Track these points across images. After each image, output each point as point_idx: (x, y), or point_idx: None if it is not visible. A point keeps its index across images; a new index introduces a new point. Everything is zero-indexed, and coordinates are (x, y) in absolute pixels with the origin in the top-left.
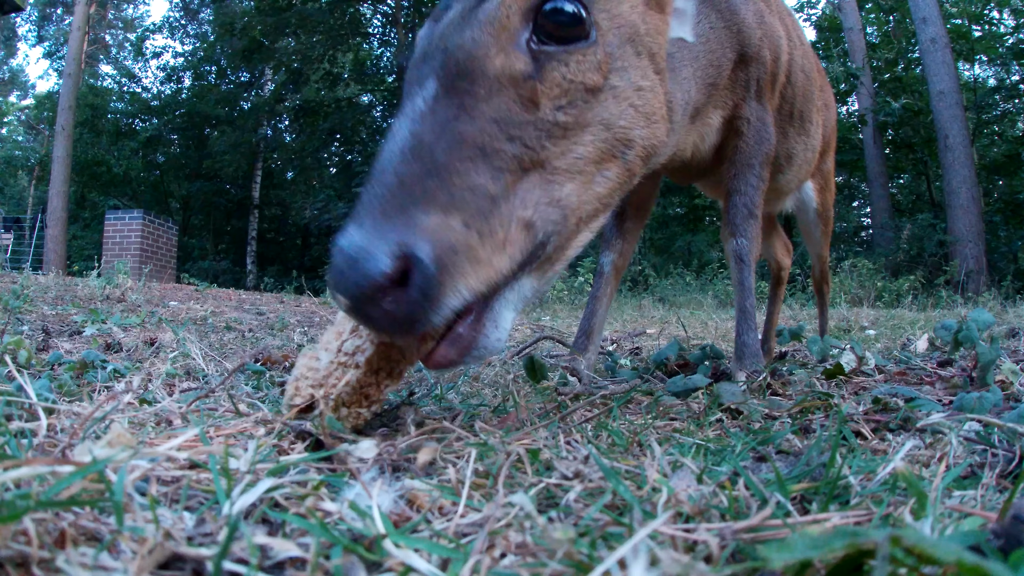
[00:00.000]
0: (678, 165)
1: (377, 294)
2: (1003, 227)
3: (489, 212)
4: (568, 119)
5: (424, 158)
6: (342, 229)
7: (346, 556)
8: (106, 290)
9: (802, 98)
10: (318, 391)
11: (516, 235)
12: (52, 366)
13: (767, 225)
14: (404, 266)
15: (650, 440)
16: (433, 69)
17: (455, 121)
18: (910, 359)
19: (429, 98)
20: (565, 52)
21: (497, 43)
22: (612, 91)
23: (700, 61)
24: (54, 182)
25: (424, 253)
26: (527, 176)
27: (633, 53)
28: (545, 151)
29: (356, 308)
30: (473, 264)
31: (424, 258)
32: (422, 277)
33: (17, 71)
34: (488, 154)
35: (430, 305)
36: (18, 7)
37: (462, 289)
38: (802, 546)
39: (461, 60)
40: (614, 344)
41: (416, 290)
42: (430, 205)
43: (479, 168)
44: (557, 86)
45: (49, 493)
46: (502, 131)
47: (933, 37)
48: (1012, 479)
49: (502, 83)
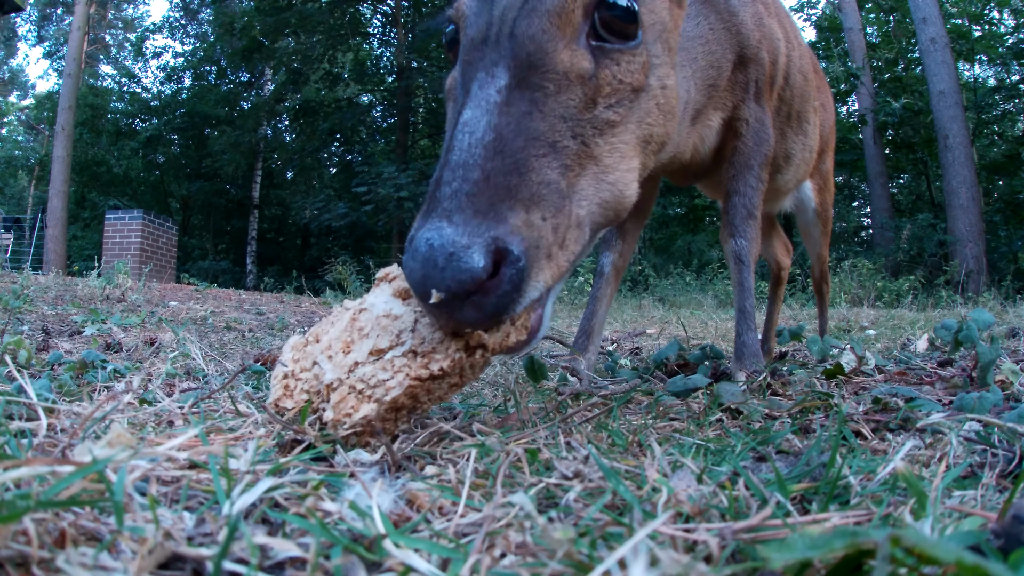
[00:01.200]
0: (678, 167)
1: (471, 290)
2: (1003, 227)
3: (560, 207)
4: (616, 117)
5: (506, 154)
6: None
7: (346, 556)
8: (106, 290)
9: (799, 99)
10: (321, 401)
11: (574, 227)
12: (52, 366)
13: (766, 225)
14: (497, 260)
15: (650, 440)
16: (503, 57)
17: (530, 118)
18: (910, 359)
19: (503, 89)
20: (618, 51)
21: (563, 37)
22: (648, 90)
23: (699, 62)
24: (54, 182)
25: (516, 247)
26: (584, 171)
27: (663, 50)
28: (597, 147)
29: (449, 303)
30: (548, 259)
31: (516, 252)
32: (514, 270)
33: (17, 71)
34: (557, 151)
35: (518, 296)
36: (18, 7)
37: (540, 282)
38: (802, 546)
39: (532, 52)
40: (614, 344)
41: (508, 283)
42: (516, 202)
43: (551, 164)
44: (609, 85)
45: (49, 493)
46: (569, 128)
47: (933, 37)
48: (1012, 479)
49: (570, 79)
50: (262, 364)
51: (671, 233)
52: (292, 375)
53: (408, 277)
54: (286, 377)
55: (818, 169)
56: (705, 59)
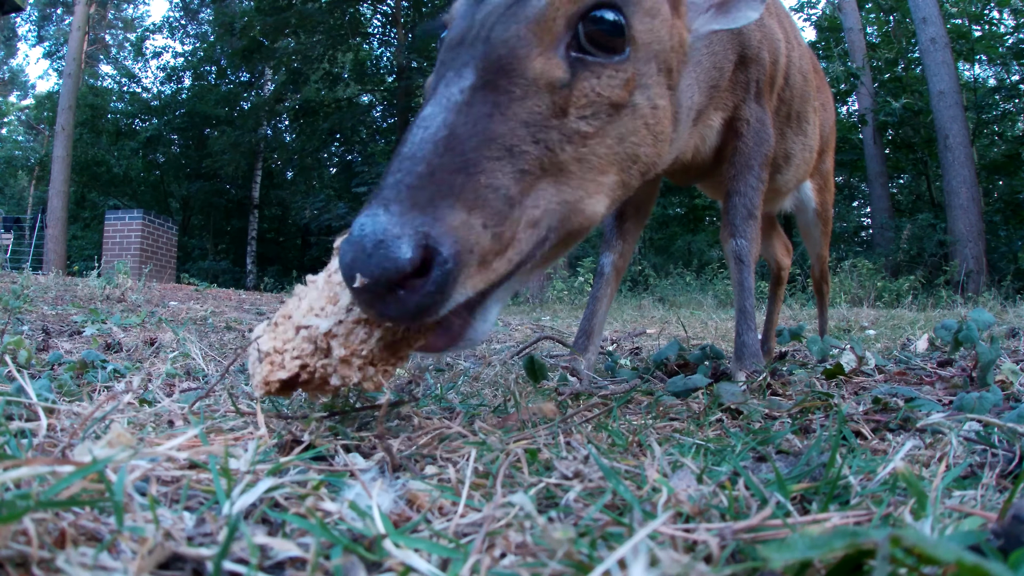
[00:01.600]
0: (679, 167)
1: (397, 280)
2: (1003, 227)
3: (506, 214)
4: (590, 129)
5: (456, 152)
6: (366, 208)
7: (346, 556)
8: (106, 290)
9: (799, 99)
10: (319, 359)
11: (521, 235)
12: (52, 366)
13: (767, 225)
14: (425, 257)
15: (650, 440)
16: (473, 58)
17: (489, 119)
18: (910, 359)
19: (466, 89)
20: (599, 64)
21: (540, 44)
22: (633, 108)
23: (703, 65)
24: (54, 182)
25: (447, 249)
26: (544, 177)
27: (656, 71)
28: (564, 154)
29: (370, 290)
30: (481, 266)
31: (446, 253)
32: (441, 272)
33: (17, 71)
34: (514, 155)
35: (442, 299)
36: (18, 7)
37: (468, 288)
38: (802, 546)
39: (503, 56)
40: (614, 344)
41: (433, 283)
42: (457, 201)
43: (504, 168)
44: (585, 97)
45: (49, 493)
46: (530, 134)
47: (933, 37)
48: (1012, 479)
49: (539, 87)
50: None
51: (671, 233)
52: (275, 351)
53: (340, 259)
54: (269, 355)
55: (818, 169)
56: (709, 61)
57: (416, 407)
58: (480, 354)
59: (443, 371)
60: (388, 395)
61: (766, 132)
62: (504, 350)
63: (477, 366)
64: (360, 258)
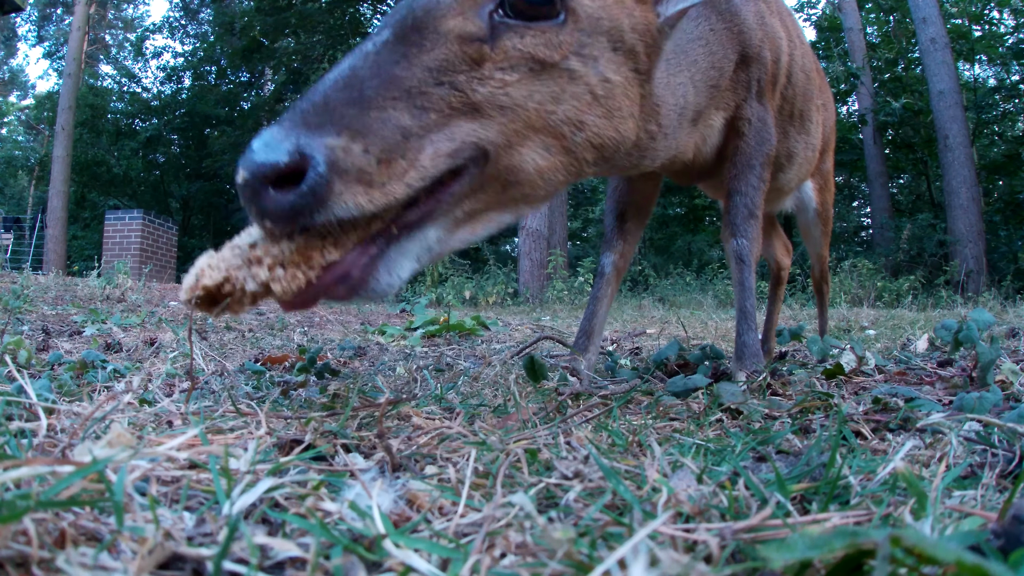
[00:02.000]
0: (680, 167)
1: (272, 178)
2: (1003, 227)
3: (396, 144)
4: (508, 79)
5: (353, 90)
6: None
7: (346, 556)
8: (106, 290)
9: (802, 98)
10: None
11: (427, 161)
12: (52, 366)
13: (767, 225)
14: (300, 165)
15: (650, 440)
16: (394, 21)
17: (393, 66)
18: (910, 359)
19: (379, 43)
20: (524, 27)
21: (460, 8)
22: (569, 72)
23: (700, 65)
24: (54, 182)
25: (320, 159)
26: (459, 116)
27: (608, 46)
28: (477, 95)
29: (249, 185)
30: (365, 184)
31: (319, 163)
32: (315, 175)
33: (17, 71)
34: (414, 95)
35: (316, 204)
36: (18, 7)
37: (350, 203)
38: (802, 546)
39: (418, 15)
40: (614, 344)
41: (306, 185)
42: (344, 129)
43: (398, 107)
44: (504, 52)
45: (49, 493)
46: (434, 77)
47: (933, 37)
48: (1012, 479)
49: (449, 40)
50: (261, 364)
51: (671, 233)
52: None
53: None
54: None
55: (819, 169)
56: (706, 60)
57: (416, 407)
58: (480, 354)
59: (443, 371)
60: (387, 394)
61: (768, 131)
62: (504, 350)
63: (477, 366)
64: (245, 157)
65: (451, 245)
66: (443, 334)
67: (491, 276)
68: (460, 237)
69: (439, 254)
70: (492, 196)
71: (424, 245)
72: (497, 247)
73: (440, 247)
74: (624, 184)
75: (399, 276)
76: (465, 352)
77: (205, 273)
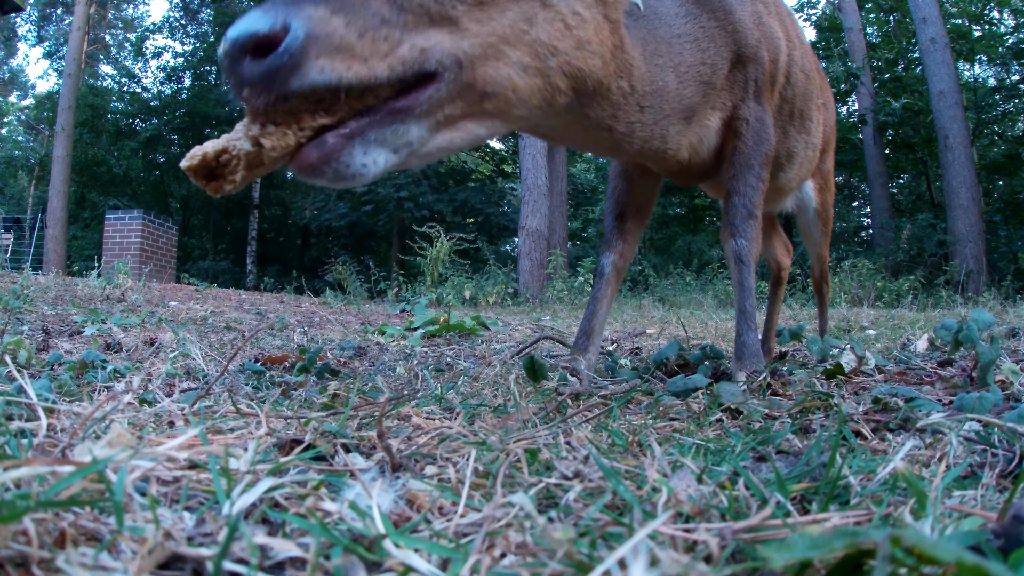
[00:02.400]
0: (676, 167)
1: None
2: (1003, 227)
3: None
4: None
5: None
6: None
7: (346, 556)
8: (106, 290)
9: (802, 97)
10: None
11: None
12: (52, 366)
13: (767, 225)
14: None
15: (650, 440)
16: None
17: None
18: (910, 359)
19: None
20: None
21: None
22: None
23: (685, 57)
24: (54, 182)
25: (299, 26)
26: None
27: None
28: (455, 10)
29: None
30: (343, 53)
31: (297, 28)
32: (292, 38)
33: (17, 71)
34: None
35: (293, 66)
36: (18, 7)
37: (327, 68)
38: (802, 546)
39: None
40: (614, 344)
41: (284, 47)
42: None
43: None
44: None
45: (49, 493)
46: None
47: (933, 37)
48: (1012, 479)
49: None
50: (262, 364)
51: (671, 233)
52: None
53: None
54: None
55: (819, 169)
56: (694, 56)
57: (416, 407)
58: (480, 354)
59: (443, 371)
60: (387, 394)
61: (766, 132)
62: (504, 350)
63: (477, 366)
64: (230, 30)
65: (429, 148)
66: (443, 334)
67: (491, 276)
68: (438, 142)
69: (418, 155)
70: (470, 106)
71: (405, 139)
72: (497, 247)
73: (419, 146)
74: (624, 184)
75: (374, 161)
76: (465, 352)
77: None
